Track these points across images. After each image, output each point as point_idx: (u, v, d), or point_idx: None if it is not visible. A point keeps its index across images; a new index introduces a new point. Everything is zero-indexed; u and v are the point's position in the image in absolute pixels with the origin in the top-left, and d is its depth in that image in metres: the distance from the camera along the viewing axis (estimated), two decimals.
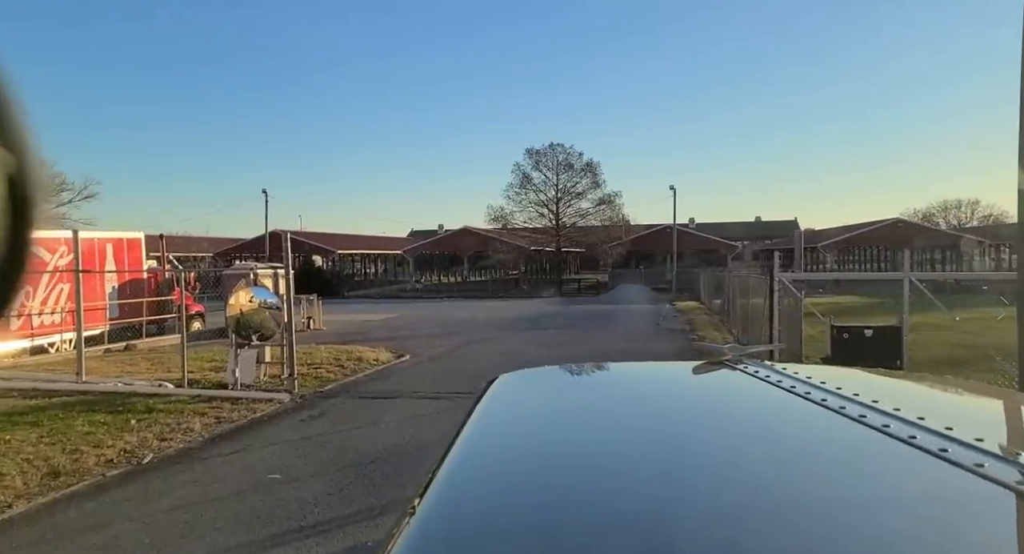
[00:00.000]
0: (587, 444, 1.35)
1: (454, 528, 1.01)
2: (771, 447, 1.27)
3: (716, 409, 1.63)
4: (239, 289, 11.32)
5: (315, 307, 24.62)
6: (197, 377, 12.00)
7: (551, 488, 1.10)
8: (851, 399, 1.38)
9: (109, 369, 13.30)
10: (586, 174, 56.14)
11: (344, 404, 10.40)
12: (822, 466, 1.17)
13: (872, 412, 1.29)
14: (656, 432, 1.42)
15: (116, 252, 19.33)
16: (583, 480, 1.13)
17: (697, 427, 1.47)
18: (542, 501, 1.05)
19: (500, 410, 1.65)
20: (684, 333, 21.34)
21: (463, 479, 1.18)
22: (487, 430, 1.47)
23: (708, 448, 1.30)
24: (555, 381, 2.08)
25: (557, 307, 34.86)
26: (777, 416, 1.46)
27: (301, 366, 13.29)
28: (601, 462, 1.22)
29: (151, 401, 9.85)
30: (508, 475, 1.20)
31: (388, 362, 14.67)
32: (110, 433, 8.15)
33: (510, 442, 1.42)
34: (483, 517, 1.03)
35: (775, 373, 1.69)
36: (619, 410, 1.66)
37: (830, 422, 1.30)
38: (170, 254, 57.40)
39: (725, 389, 1.76)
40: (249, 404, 9.88)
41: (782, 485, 1.08)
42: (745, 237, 67.15)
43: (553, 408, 1.70)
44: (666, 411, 1.64)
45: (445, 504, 1.07)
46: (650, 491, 1.07)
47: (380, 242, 70.78)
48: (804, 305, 10.66)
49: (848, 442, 1.23)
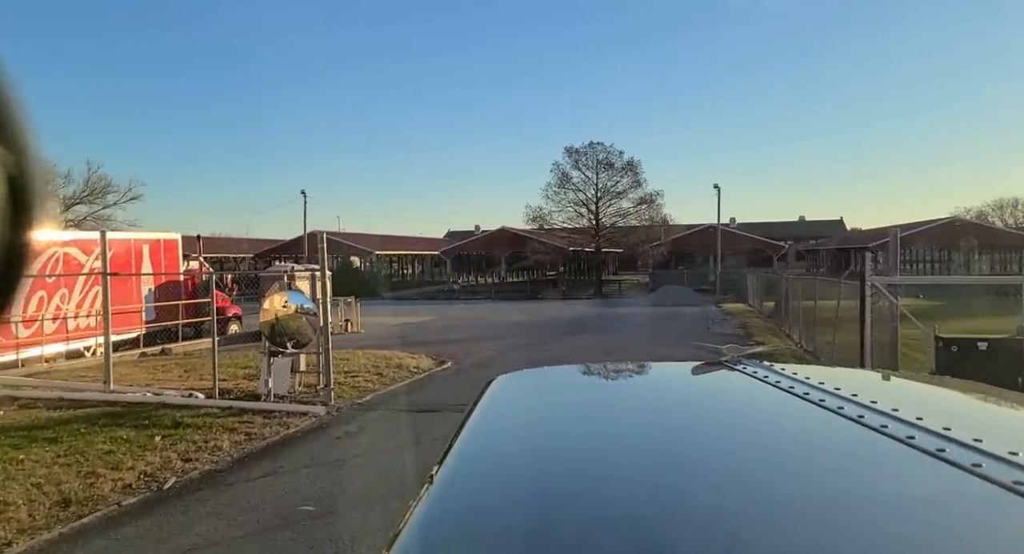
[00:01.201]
0: (586, 445, 1.35)
1: (454, 529, 1.01)
2: (770, 447, 1.27)
3: (715, 410, 1.63)
4: (273, 293, 10.62)
5: (353, 309, 24.07)
6: (229, 386, 11.35)
7: (550, 489, 1.10)
8: (849, 399, 1.38)
9: (140, 376, 12.76)
10: (627, 173, 54.87)
11: (384, 418, 9.59)
12: (820, 466, 1.16)
13: (870, 412, 1.28)
14: (655, 432, 1.43)
15: (152, 253, 18.94)
16: (582, 481, 1.13)
17: (696, 428, 1.46)
18: (541, 501, 1.05)
19: (499, 411, 1.65)
20: (739, 338, 20.11)
21: (463, 480, 1.18)
22: (486, 431, 1.47)
23: (707, 449, 1.29)
24: (554, 381, 2.08)
25: (599, 309, 33.79)
26: (776, 417, 1.46)
27: (338, 374, 12.58)
28: (600, 462, 1.22)
29: (179, 414, 9.18)
30: (507, 476, 1.20)
31: (429, 370, 13.87)
32: (131, 452, 7.46)
33: (509, 443, 1.42)
34: (482, 518, 1.03)
35: (774, 373, 1.69)
36: (618, 410, 1.67)
37: (828, 422, 1.30)
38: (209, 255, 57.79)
39: (724, 389, 1.77)
40: (282, 418, 9.14)
41: (780, 485, 1.08)
42: (788, 237, 65.06)
43: (552, 409, 1.71)
44: (665, 411, 1.65)
45: (445, 505, 1.07)
46: (648, 491, 1.07)
47: (417, 243, 70.52)
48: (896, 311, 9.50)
49: (846, 442, 1.23)
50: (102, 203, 58.49)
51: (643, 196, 54.96)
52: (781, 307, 24.16)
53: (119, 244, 17.95)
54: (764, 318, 26.92)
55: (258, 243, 64.92)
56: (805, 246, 70.33)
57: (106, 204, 58.37)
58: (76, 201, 57.88)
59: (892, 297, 8.86)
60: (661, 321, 26.05)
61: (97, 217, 57.11)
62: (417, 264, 70.76)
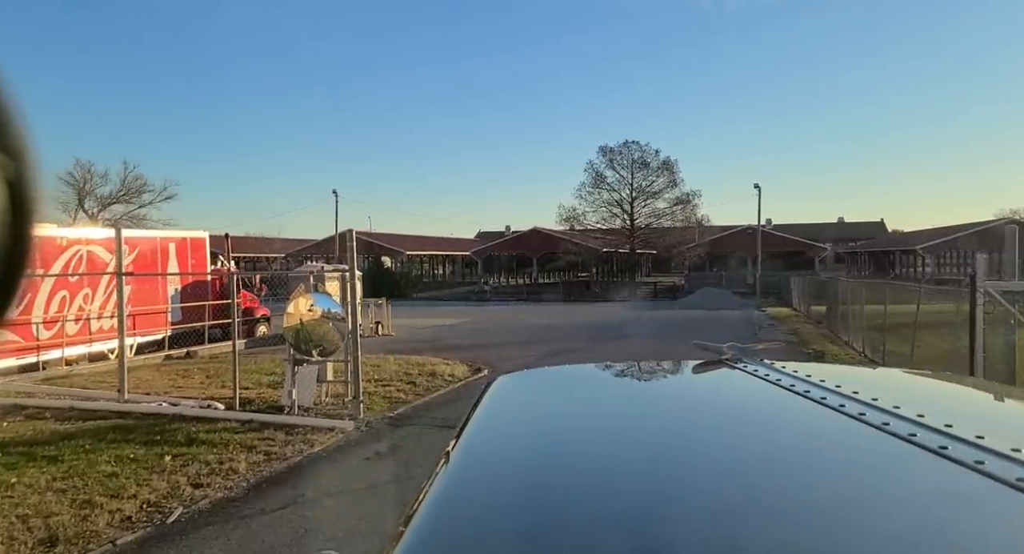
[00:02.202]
0: (587, 444, 1.33)
1: (455, 531, 1.00)
2: (771, 446, 1.27)
3: (716, 408, 1.62)
4: (298, 296, 9.75)
5: (384, 311, 23.30)
6: (252, 395, 10.53)
7: (551, 489, 1.10)
8: (850, 397, 1.37)
9: (160, 382, 12.02)
10: (663, 172, 53.63)
11: (418, 436, 8.65)
12: (821, 464, 1.15)
13: (871, 410, 1.28)
14: (656, 432, 1.42)
15: (179, 252, 18.32)
16: (583, 481, 1.13)
17: (697, 426, 1.45)
18: (543, 502, 1.05)
19: (500, 411, 1.64)
20: (794, 346, 18.80)
21: (464, 481, 1.16)
22: (488, 432, 1.46)
23: (708, 448, 1.27)
24: (555, 381, 2.08)
25: (637, 312, 32.57)
26: (777, 415, 1.46)
27: (368, 383, 11.70)
28: (601, 462, 1.21)
29: (194, 428, 8.35)
30: (509, 476, 1.18)
31: (464, 378, 12.92)
32: (137, 475, 6.62)
33: (510, 443, 1.41)
34: (484, 519, 1.02)
35: (774, 372, 1.69)
36: (619, 410, 1.66)
37: (829, 420, 1.29)
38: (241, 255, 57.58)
39: (725, 388, 1.76)
40: (306, 435, 8.26)
41: (782, 484, 1.07)
42: (827, 239, 63.10)
43: (553, 408, 1.70)
44: (666, 410, 1.65)
45: (446, 506, 1.05)
46: (650, 491, 1.07)
47: (448, 243, 69.88)
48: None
49: (847, 440, 1.23)
50: (138, 202, 58.97)
51: (679, 196, 53.66)
52: (835, 312, 22.75)
53: (145, 242, 17.37)
54: (815, 323, 25.47)
55: (290, 243, 64.82)
56: (845, 248, 68.21)
57: (142, 203, 58.83)
58: (113, 200, 58.44)
59: (1008, 305, 7.66)
60: (705, 326, 24.77)
61: (132, 216, 57.55)
62: (448, 265, 70.15)
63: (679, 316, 29.39)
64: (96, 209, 57.75)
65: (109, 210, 57.88)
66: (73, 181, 55.73)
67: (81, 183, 56.69)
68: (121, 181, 57.82)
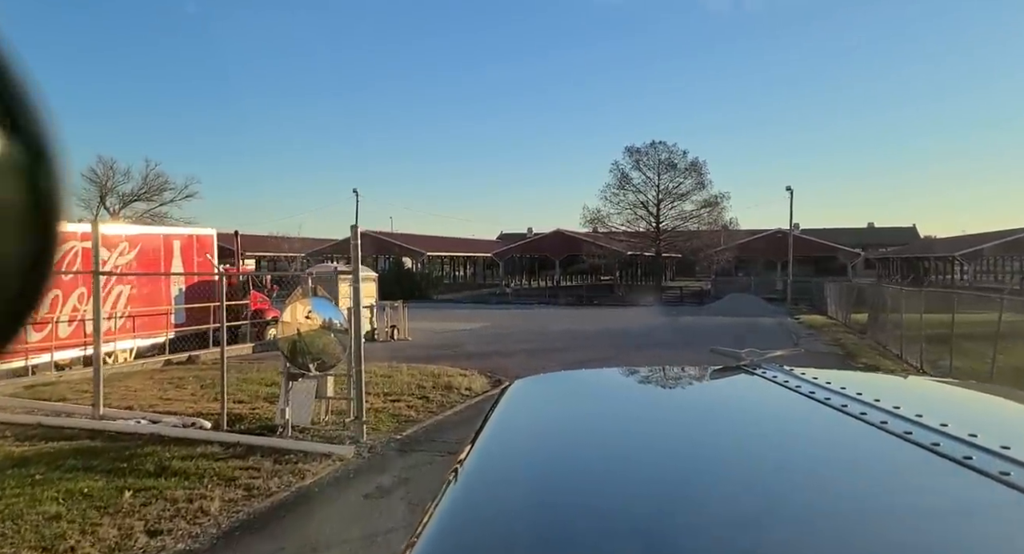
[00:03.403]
0: (604, 449, 1.32)
1: (468, 540, 0.98)
2: (790, 454, 1.25)
3: (734, 415, 1.59)
4: (294, 301, 8.60)
5: (400, 314, 22.17)
6: (244, 411, 9.41)
7: (568, 494, 1.09)
8: (872, 405, 1.34)
9: (148, 393, 10.93)
10: (690, 174, 52.18)
11: (427, 465, 7.43)
12: (843, 474, 1.13)
13: (893, 418, 1.25)
14: (674, 438, 1.40)
15: (184, 250, 17.32)
16: (600, 487, 1.11)
17: (715, 433, 1.42)
18: (559, 508, 1.04)
19: (517, 416, 1.63)
20: (840, 359, 17.32)
21: (478, 488, 1.15)
22: (504, 436, 1.45)
23: (727, 455, 1.25)
24: (572, 386, 2.06)
25: (665, 318, 31.16)
26: (796, 422, 1.45)
27: (377, 397, 10.55)
28: (618, 468, 1.20)
29: (170, 453, 7.21)
30: (525, 481, 1.16)
31: (483, 392, 11.70)
32: (84, 518, 5.48)
33: (527, 448, 1.38)
34: (497, 528, 1.00)
35: (794, 378, 1.65)
36: (636, 415, 1.63)
37: (850, 428, 1.27)
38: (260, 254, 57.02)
39: (744, 394, 1.72)
40: (297, 463, 7.08)
41: (802, 493, 1.06)
42: (856, 244, 61.32)
43: (570, 413, 1.69)
44: (684, 417, 1.62)
45: (459, 515, 1.04)
46: (668, 498, 1.05)
47: (469, 245, 68.85)
48: None
49: (869, 449, 1.20)
50: (159, 200, 58.75)
51: (707, 198, 52.15)
52: (881, 322, 21.19)
53: (148, 239, 16.39)
54: (857, 333, 23.88)
55: (310, 242, 64.15)
56: (875, 254, 66.23)
57: (163, 201, 58.58)
58: (134, 198, 58.28)
59: None
60: (739, 335, 23.28)
61: (154, 214, 57.30)
62: (469, 266, 69.18)
63: (709, 323, 27.92)
64: (117, 207, 57.61)
65: (131, 208, 57.70)
66: (96, 178, 55.61)
67: (103, 180, 56.59)
68: (143, 179, 57.63)
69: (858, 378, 1.92)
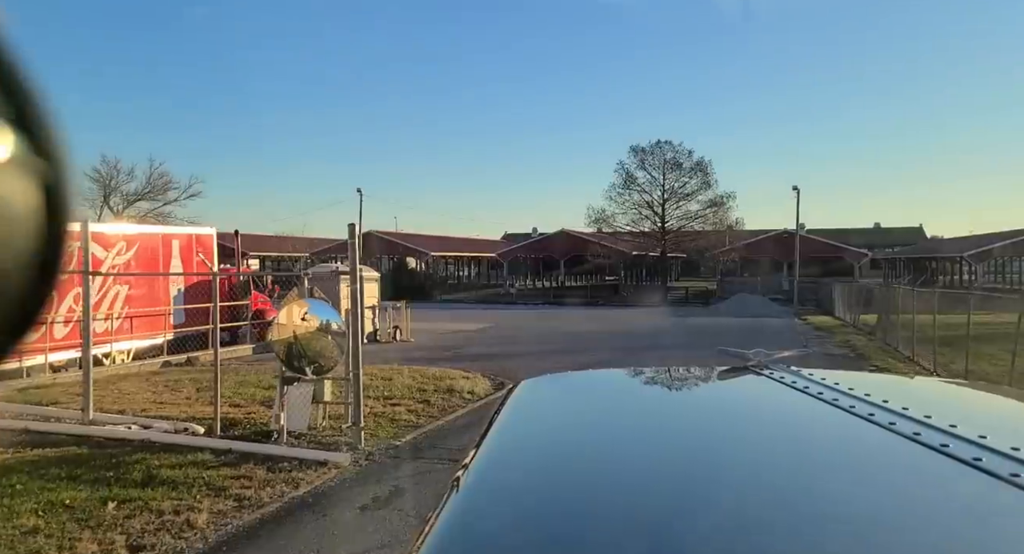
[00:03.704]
0: (612, 451, 1.31)
1: (474, 543, 0.97)
2: (799, 455, 1.25)
3: (742, 416, 1.59)
4: (289, 303, 8.32)
5: (403, 315, 21.90)
6: (240, 415, 9.13)
7: (575, 494, 1.09)
8: (880, 406, 1.33)
9: (142, 396, 10.67)
10: (696, 173, 51.86)
11: (428, 474, 7.14)
12: (851, 475, 1.12)
13: (902, 419, 1.23)
14: (681, 439, 1.41)
15: (184, 250, 17.06)
16: (607, 488, 1.10)
17: (723, 434, 1.42)
18: (566, 508, 1.04)
19: (525, 416, 1.63)
20: (851, 361, 16.98)
21: (485, 491, 1.14)
22: (512, 436, 1.45)
23: (735, 457, 1.24)
24: (580, 386, 2.04)
25: (672, 319, 30.80)
26: (805, 423, 1.44)
27: (376, 400, 10.27)
28: (626, 469, 1.19)
29: (159, 460, 6.93)
30: (533, 482, 1.16)
31: (485, 396, 11.40)
32: (63, 532, 5.19)
33: (535, 448, 1.39)
34: (503, 532, 0.98)
35: (802, 379, 1.63)
36: (644, 416, 1.64)
37: (858, 430, 1.26)
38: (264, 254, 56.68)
39: (751, 395, 1.72)
40: (291, 471, 6.79)
41: (810, 495, 1.05)
42: (862, 244, 60.88)
43: (578, 413, 1.69)
44: (693, 417, 1.63)
45: (472, 511, 1.04)
46: (678, 499, 1.05)
47: (473, 245, 68.59)
48: None
49: (877, 450, 1.20)
50: (163, 199, 58.56)
51: (713, 198, 51.81)
52: (891, 323, 20.81)
53: (146, 239, 16.13)
54: (866, 335, 23.51)
55: (315, 242, 63.97)
56: (881, 254, 65.81)
57: (167, 201, 58.40)
58: (138, 197, 58.07)
59: None
60: (749, 337, 22.92)
61: (158, 213, 57.08)
62: (473, 266, 68.94)
63: (717, 324, 27.57)
64: (121, 206, 57.49)
65: (134, 207, 57.55)
66: (99, 177, 55.38)
67: (107, 179, 56.42)
68: (147, 178, 57.42)
69: (866, 379, 1.91)
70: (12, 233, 0.43)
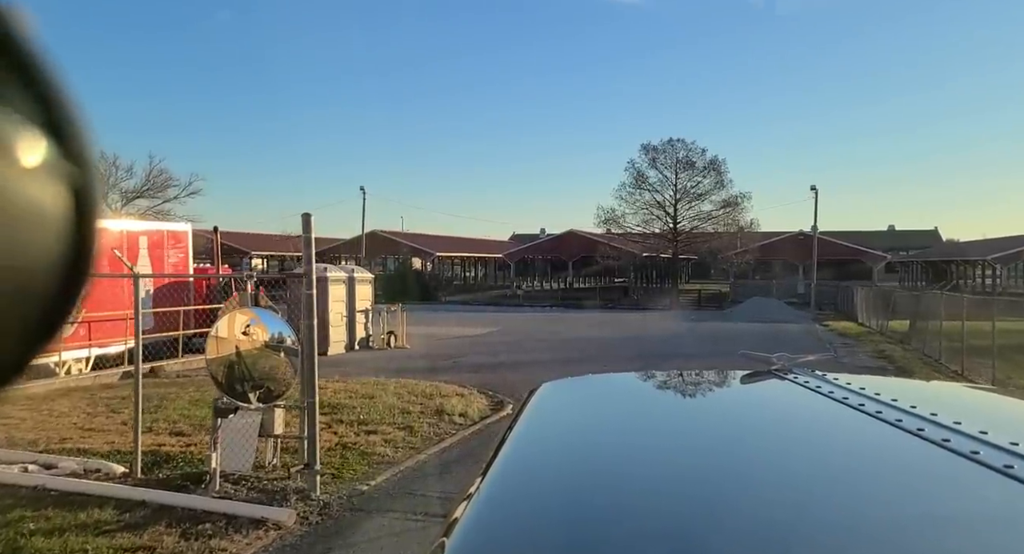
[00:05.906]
0: (633, 457, 1.29)
1: (495, 546, 0.96)
2: (824, 462, 1.22)
3: (765, 421, 1.57)
4: (230, 311, 6.68)
5: (398, 319, 20.29)
6: (176, 448, 7.48)
7: (595, 499, 1.07)
8: (907, 411, 1.28)
9: (69, 420, 9.04)
10: (709, 172, 50.25)
11: (399, 537, 5.47)
12: (877, 482, 1.10)
13: (931, 425, 1.19)
14: (704, 443, 1.37)
15: (152, 247, 15.47)
16: (631, 492, 1.09)
17: (747, 440, 1.39)
18: (591, 511, 1.02)
19: (546, 420, 1.61)
20: (885, 373, 15.19)
21: (505, 494, 1.13)
22: (532, 440, 1.43)
23: (757, 461, 1.22)
24: (600, 390, 2.01)
25: (687, 324, 29.11)
26: (830, 429, 1.41)
27: (349, 427, 8.63)
28: (648, 477, 1.16)
29: (43, 519, 5.28)
30: (553, 486, 1.15)
31: (480, 418, 9.74)
32: None
33: (555, 452, 1.37)
34: (524, 536, 0.98)
35: (826, 383, 1.60)
36: (666, 420, 1.62)
37: (885, 436, 1.22)
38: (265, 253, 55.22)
39: (774, 400, 1.69)
40: (212, 538, 5.12)
41: (835, 501, 1.02)
42: (877, 247, 59.31)
43: (599, 417, 1.66)
44: (716, 421, 1.60)
45: (486, 521, 1.02)
46: (701, 502, 1.03)
47: (480, 245, 67.05)
48: None
49: (905, 457, 1.16)
50: (162, 197, 57.28)
51: (727, 198, 50.18)
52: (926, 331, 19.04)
53: (106, 234, 14.58)
54: (898, 343, 21.73)
55: (320, 241, 62.46)
56: (896, 257, 64.09)
57: (166, 198, 57.12)
58: (137, 195, 56.82)
59: None
60: (770, 344, 21.18)
61: (158, 211, 55.80)
62: (480, 267, 67.49)
63: (734, 330, 25.82)
64: (120, 204, 56.25)
65: (133, 204, 56.30)
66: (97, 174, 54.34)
67: (105, 176, 55.19)
68: (146, 175, 56.22)
69: (892, 383, 1.93)
70: (45, 236, 0.44)
